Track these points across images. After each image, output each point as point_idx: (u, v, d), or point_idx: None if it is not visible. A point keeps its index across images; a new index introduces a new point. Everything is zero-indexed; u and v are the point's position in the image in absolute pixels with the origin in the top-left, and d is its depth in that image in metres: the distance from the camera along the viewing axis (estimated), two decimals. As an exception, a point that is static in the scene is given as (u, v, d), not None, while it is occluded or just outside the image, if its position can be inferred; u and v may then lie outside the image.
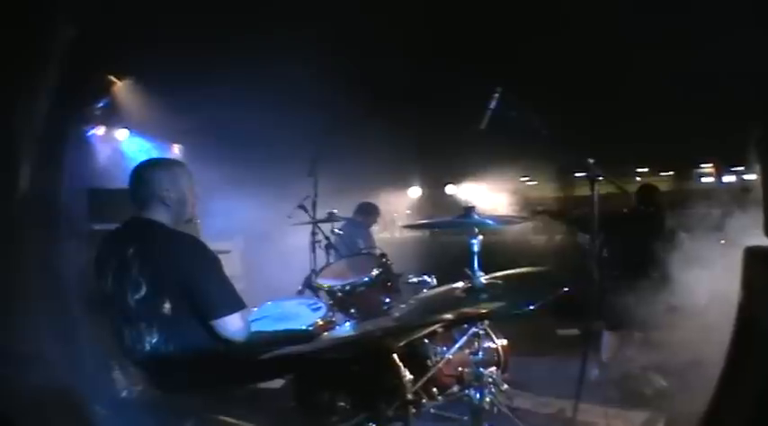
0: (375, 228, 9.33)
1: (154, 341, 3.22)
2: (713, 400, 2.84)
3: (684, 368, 4.83)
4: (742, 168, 7.59)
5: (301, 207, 7.55)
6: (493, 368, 4.63)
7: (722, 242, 5.05)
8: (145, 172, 3.49)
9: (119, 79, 7.85)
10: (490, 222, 3.80)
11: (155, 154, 8.88)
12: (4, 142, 3.26)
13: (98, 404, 3.80)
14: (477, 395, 4.35)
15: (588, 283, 4.30)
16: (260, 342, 3.33)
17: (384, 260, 5.51)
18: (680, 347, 4.85)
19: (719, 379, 2.85)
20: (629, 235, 6.25)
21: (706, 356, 3.79)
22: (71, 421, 3.31)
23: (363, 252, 6.78)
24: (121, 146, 8.67)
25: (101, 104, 7.88)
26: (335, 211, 7.64)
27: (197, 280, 3.23)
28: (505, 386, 4.64)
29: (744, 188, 5.51)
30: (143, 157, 3.75)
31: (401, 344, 2.89)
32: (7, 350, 3.16)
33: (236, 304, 3.31)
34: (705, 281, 4.75)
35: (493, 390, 4.47)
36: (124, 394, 4.55)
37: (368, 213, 8.99)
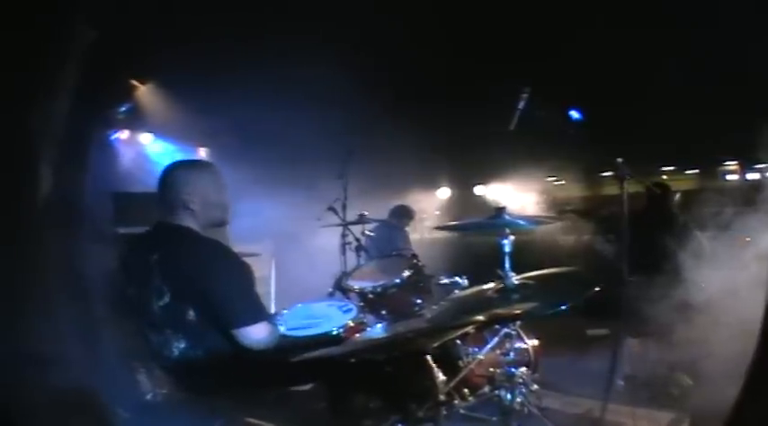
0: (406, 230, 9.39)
1: (182, 346, 3.16)
2: (739, 398, 2.79)
3: (709, 366, 4.81)
4: (766, 165, 7.51)
5: (331, 209, 7.52)
6: (524, 369, 4.61)
7: (747, 239, 5.01)
8: (168, 174, 3.40)
9: (141, 83, 7.87)
10: (522, 223, 3.72)
11: (179, 157, 8.85)
12: (22, 142, 3.24)
13: (122, 407, 3.78)
14: (508, 396, 4.36)
15: (616, 284, 4.25)
16: (289, 347, 3.26)
17: (415, 261, 5.50)
18: (703, 345, 4.85)
19: (745, 377, 2.79)
20: (640, 235, 6.18)
21: (731, 354, 3.75)
22: (91, 422, 3.28)
23: (394, 253, 6.74)
24: (146, 149, 8.68)
25: (124, 108, 7.89)
26: (366, 213, 7.62)
27: (219, 288, 3.13)
28: (535, 387, 4.64)
29: (753, 186, 5.45)
30: (167, 161, 3.64)
31: (434, 346, 2.83)
32: (27, 351, 3.13)
33: (259, 313, 3.21)
34: (724, 278, 4.75)
35: (523, 390, 4.47)
36: (149, 397, 4.52)
37: (402, 215, 9.19)
